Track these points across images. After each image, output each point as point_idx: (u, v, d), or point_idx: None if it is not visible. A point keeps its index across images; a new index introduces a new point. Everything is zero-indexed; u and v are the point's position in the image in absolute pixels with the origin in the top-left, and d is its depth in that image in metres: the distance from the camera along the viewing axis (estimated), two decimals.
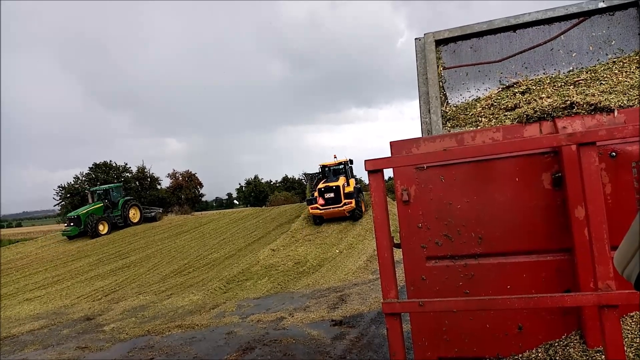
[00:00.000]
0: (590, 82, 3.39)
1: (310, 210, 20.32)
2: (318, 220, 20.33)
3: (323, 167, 22.75)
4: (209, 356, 7.31)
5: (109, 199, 28.02)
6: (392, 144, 3.21)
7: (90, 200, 28.48)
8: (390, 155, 3.15)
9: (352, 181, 21.33)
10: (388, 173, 3.22)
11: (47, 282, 16.39)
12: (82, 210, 27.07)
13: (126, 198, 29.11)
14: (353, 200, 19.69)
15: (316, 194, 20.42)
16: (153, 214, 30.20)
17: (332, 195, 19.85)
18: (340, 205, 19.61)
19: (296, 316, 9.02)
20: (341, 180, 20.53)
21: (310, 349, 7.08)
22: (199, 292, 12.35)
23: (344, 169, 21.88)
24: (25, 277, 17.64)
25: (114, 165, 44.20)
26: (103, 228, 26.50)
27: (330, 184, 20.17)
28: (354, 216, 19.89)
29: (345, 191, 20.12)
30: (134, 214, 28.71)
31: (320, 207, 19.88)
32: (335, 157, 22.59)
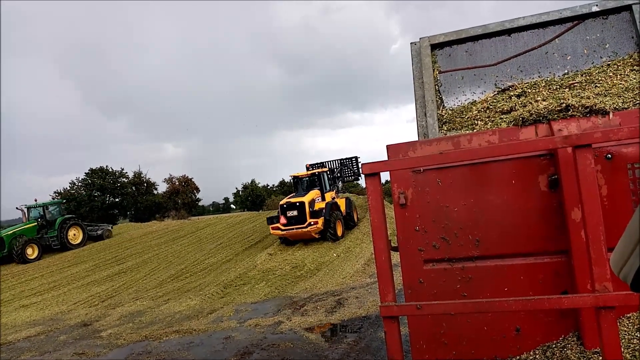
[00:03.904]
0: (585, 85, 3.42)
1: (271, 231, 17.33)
2: (283, 240, 17.51)
3: (294, 178, 19.39)
4: None
5: (44, 218, 24.36)
6: (388, 147, 3.22)
7: (24, 219, 24.54)
8: (387, 158, 3.16)
9: (329, 195, 18.35)
10: (385, 176, 3.23)
11: (43, 288, 16.32)
12: (8, 231, 22.92)
13: (65, 217, 25.31)
14: (320, 220, 16.48)
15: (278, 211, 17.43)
16: (100, 232, 26.68)
17: (295, 213, 16.64)
18: (305, 225, 16.45)
19: (294, 320, 9.00)
20: (310, 195, 17.27)
21: (309, 353, 7.07)
22: (196, 297, 12.31)
23: (318, 180, 18.41)
24: (21, 284, 17.56)
25: (110, 170, 44.06)
26: (32, 252, 22.59)
27: (294, 200, 17.02)
28: (326, 238, 16.95)
29: (315, 208, 16.96)
30: (75, 235, 24.90)
31: (282, 227, 16.80)
32: (308, 168, 19.39)
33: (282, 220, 16.78)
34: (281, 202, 17.56)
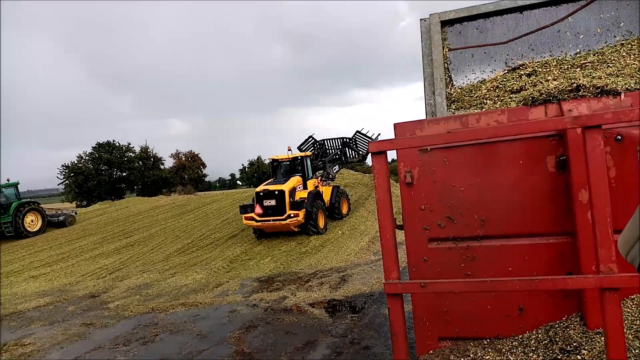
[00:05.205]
0: (597, 65, 3.36)
1: (245, 221, 15.36)
2: (258, 233, 15.68)
3: (273, 161, 16.87)
4: (213, 333, 7.41)
5: None
6: (395, 125, 3.20)
7: None
8: (394, 137, 3.14)
9: (311, 182, 16.26)
10: (391, 155, 3.21)
11: (52, 259, 16.55)
12: None
13: (22, 201, 22.35)
14: (301, 212, 14.61)
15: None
16: (62, 218, 23.86)
17: (272, 202, 14.72)
18: (283, 217, 14.55)
19: (298, 295, 9.11)
20: (291, 183, 15.23)
21: (312, 327, 7.17)
22: (202, 271, 12.46)
23: (300, 165, 16.16)
24: (30, 255, 17.81)
25: (117, 145, 44.22)
26: None
27: (272, 188, 15.02)
28: (307, 232, 15.10)
29: (296, 198, 15.07)
30: (33, 221, 22.31)
31: (257, 218, 14.89)
32: (289, 150, 16.76)
33: (258, 209, 14.88)
34: (257, 189, 15.48)
